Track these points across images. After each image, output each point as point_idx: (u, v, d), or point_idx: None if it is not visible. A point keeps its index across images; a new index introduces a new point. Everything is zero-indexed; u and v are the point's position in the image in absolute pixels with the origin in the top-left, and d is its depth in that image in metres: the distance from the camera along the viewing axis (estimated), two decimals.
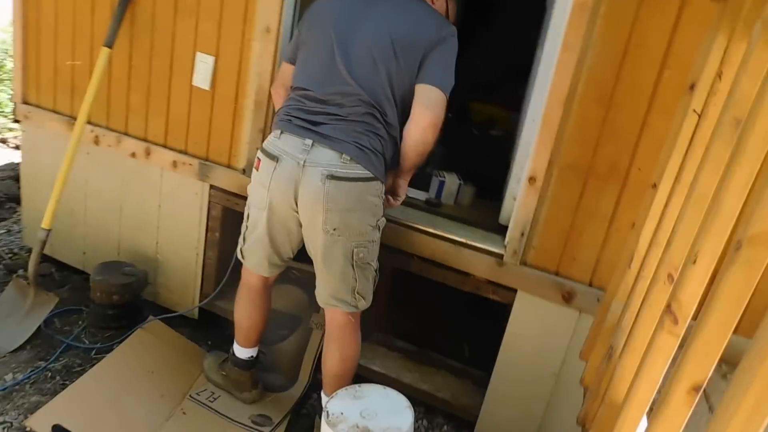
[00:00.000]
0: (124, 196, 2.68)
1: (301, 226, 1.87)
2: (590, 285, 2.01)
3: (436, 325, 2.93)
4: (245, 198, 2.39)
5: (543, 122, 1.91)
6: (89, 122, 2.59)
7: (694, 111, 1.23)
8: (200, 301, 2.65)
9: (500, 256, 2.09)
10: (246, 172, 2.38)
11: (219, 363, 2.30)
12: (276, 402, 2.21)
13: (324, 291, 1.92)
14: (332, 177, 1.73)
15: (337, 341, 1.97)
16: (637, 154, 1.86)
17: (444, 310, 2.97)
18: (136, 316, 2.58)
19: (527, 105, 2.60)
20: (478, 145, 2.94)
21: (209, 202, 2.50)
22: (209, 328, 2.69)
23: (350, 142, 1.76)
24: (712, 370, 0.80)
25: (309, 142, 1.76)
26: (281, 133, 1.82)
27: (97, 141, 2.62)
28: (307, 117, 1.80)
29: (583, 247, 1.99)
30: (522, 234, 2.03)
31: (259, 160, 1.85)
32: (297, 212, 1.83)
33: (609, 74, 1.83)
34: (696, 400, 0.82)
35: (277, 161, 1.78)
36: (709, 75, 1.27)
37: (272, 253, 1.95)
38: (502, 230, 2.20)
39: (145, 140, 2.55)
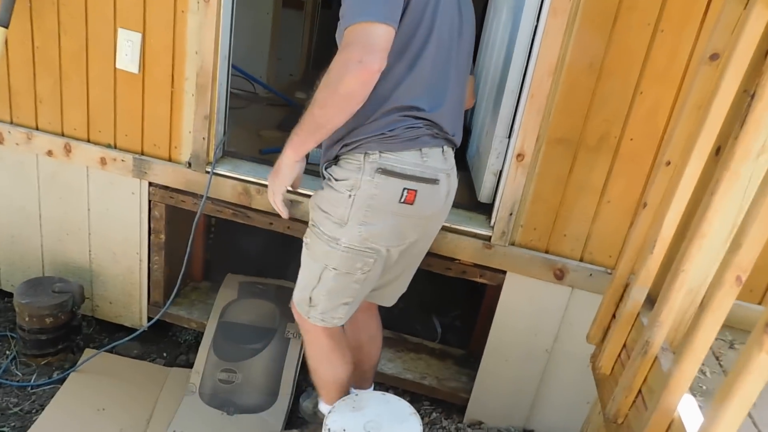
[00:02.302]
0: (42, 200, 2.29)
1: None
2: (581, 260, 1.94)
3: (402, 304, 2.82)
4: (192, 194, 2.13)
5: (531, 95, 1.77)
6: None
7: (746, 91, 1.13)
8: (149, 310, 2.37)
9: (487, 238, 1.97)
10: (191, 165, 2.08)
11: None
12: (262, 423, 2.02)
13: (401, 292, 1.86)
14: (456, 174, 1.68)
15: (379, 328, 1.96)
16: (628, 124, 1.77)
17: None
18: (75, 336, 2.28)
19: (488, 70, 2.45)
20: None
21: (149, 201, 2.19)
22: (160, 340, 2.43)
23: (458, 131, 1.65)
24: None
25: (447, 149, 1.60)
26: (424, 149, 1.53)
27: (0, 139, 2.20)
28: (430, 125, 1.55)
29: (574, 222, 1.91)
30: (510, 214, 1.91)
31: (412, 191, 1.50)
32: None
33: (599, 39, 1.70)
34: None
35: (435, 183, 1.56)
36: (747, 47, 1.16)
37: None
38: (483, 208, 2.08)
39: (62, 135, 2.16)
